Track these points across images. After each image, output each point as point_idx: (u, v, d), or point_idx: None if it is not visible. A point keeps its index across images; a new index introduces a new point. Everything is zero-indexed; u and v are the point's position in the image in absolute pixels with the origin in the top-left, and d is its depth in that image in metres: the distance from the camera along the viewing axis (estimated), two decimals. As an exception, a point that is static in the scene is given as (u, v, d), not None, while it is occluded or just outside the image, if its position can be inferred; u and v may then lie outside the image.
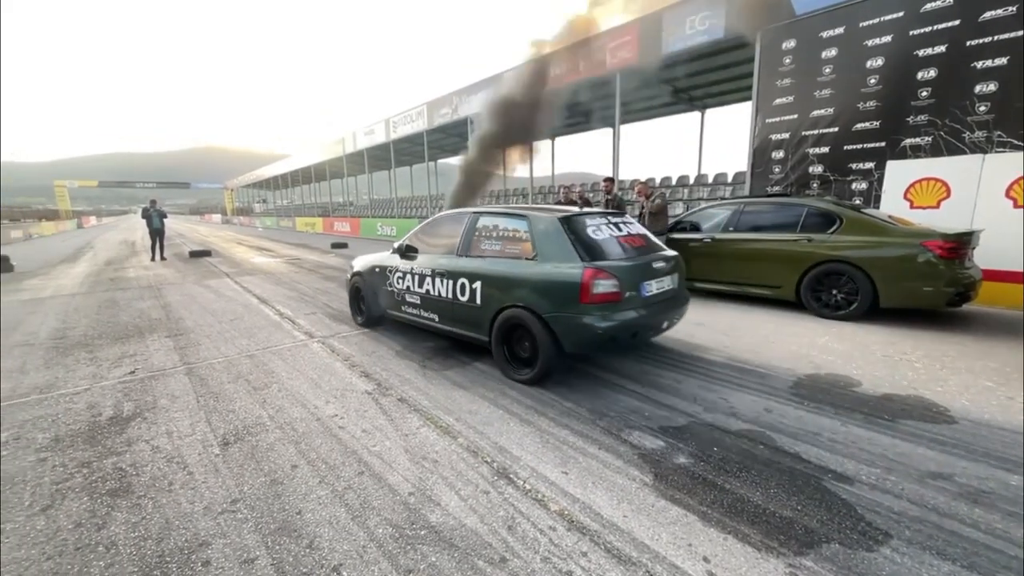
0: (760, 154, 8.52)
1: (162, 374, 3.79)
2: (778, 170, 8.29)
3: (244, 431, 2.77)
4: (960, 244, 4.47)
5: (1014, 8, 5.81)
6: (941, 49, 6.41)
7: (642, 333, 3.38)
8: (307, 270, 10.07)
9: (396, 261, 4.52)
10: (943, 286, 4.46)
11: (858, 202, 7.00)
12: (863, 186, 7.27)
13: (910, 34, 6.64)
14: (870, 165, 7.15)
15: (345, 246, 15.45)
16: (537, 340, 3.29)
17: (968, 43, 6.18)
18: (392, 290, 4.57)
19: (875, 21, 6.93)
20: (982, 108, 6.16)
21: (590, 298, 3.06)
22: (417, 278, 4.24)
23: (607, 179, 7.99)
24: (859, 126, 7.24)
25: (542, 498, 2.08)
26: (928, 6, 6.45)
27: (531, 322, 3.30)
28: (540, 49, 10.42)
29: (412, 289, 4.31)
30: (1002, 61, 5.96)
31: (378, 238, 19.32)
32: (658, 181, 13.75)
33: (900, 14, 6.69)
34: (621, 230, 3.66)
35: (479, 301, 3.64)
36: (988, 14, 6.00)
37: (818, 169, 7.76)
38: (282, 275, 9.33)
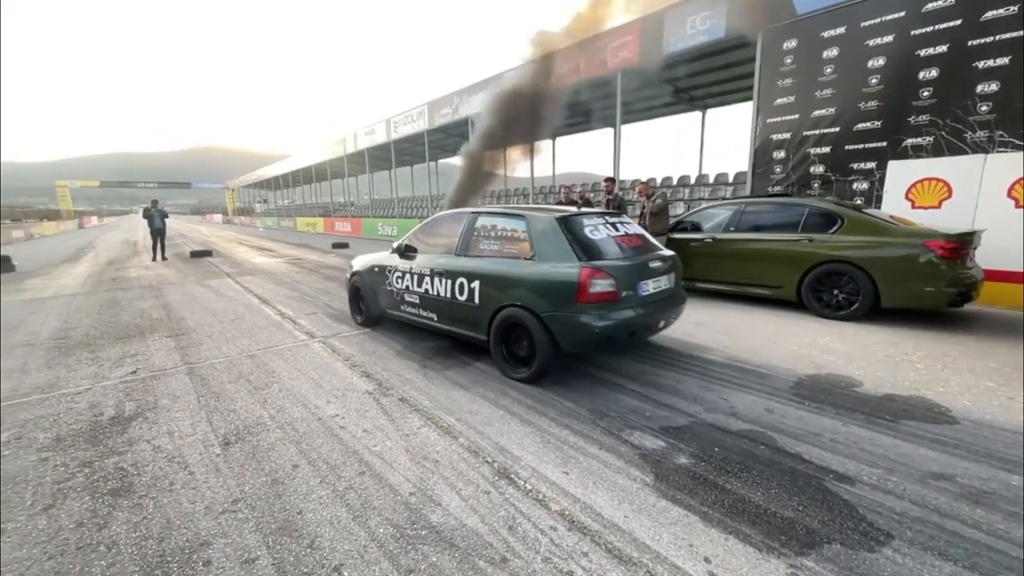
0: (761, 154, 8.51)
1: (163, 374, 3.79)
2: (779, 170, 8.28)
3: (245, 431, 2.77)
4: (962, 244, 4.46)
5: (1016, 8, 5.80)
6: (943, 49, 6.40)
7: (639, 332, 3.40)
8: (308, 270, 10.08)
9: (395, 261, 4.53)
10: (945, 286, 4.45)
11: (859, 202, 7.00)
12: (864, 186, 7.26)
13: (911, 34, 6.63)
14: (871, 165, 7.14)
15: (346, 246, 15.46)
16: (535, 339, 3.31)
17: (970, 43, 6.17)
18: (391, 289, 4.59)
19: (876, 21, 6.92)
20: (984, 108, 6.14)
21: (587, 297, 3.08)
22: (416, 277, 4.25)
23: (608, 179, 7.97)
24: (860, 126, 7.23)
25: (543, 498, 2.08)
26: (929, 6, 6.44)
27: (529, 321, 3.32)
28: (546, 40, 10.26)
29: (411, 288, 4.32)
30: (1004, 61, 5.94)
31: (379, 238, 19.33)
32: (659, 181, 13.74)
33: (901, 14, 6.68)
34: (618, 230, 3.68)
35: (477, 300, 3.66)
36: (990, 14, 5.99)
37: (819, 169, 7.75)
38: (283, 275, 9.34)
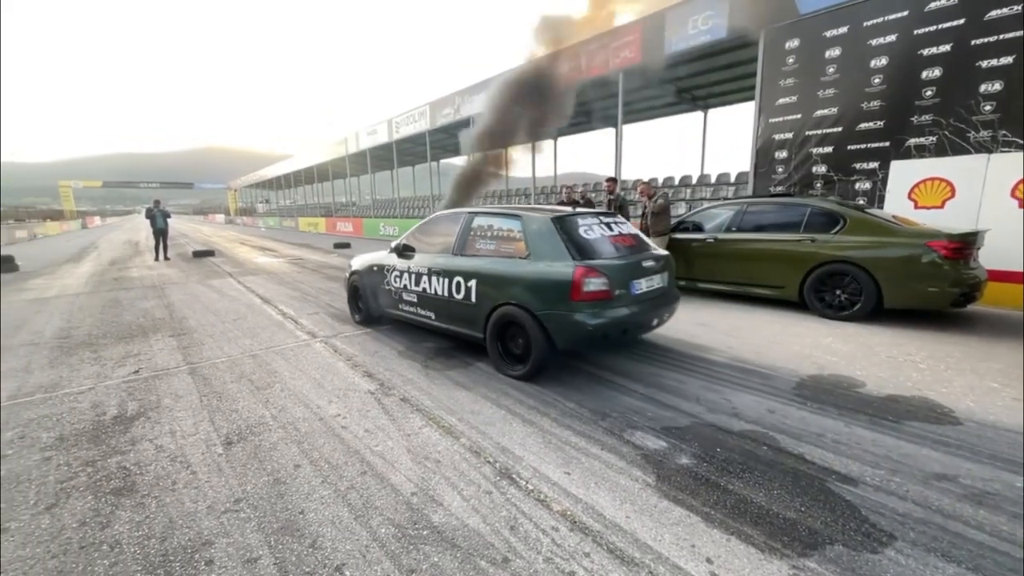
0: (763, 154, 8.50)
1: (166, 373, 3.80)
2: (781, 170, 8.26)
3: (247, 431, 2.77)
4: (965, 244, 4.45)
5: (1019, 7, 5.78)
6: (946, 48, 6.38)
7: (632, 330, 3.46)
8: (310, 270, 10.09)
9: (394, 260, 4.58)
10: (948, 287, 4.44)
11: (862, 202, 6.98)
12: (867, 186, 7.24)
13: (914, 33, 6.61)
14: (874, 165, 7.12)
15: (348, 246, 15.48)
16: (530, 337, 3.37)
17: (973, 42, 6.15)
18: (390, 288, 4.63)
19: (879, 20, 6.90)
20: (987, 107, 6.12)
21: (581, 296, 3.14)
22: (414, 277, 4.30)
23: (609, 179, 7.96)
24: (863, 126, 7.21)
25: (544, 499, 2.07)
26: (932, 5, 6.42)
27: (524, 319, 3.37)
28: (552, 25, 10.11)
29: (409, 287, 4.37)
30: (1007, 60, 5.92)
31: (381, 238, 19.34)
32: (661, 181, 13.72)
33: (904, 13, 6.66)
34: (612, 230, 3.74)
35: (474, 299, 3.71)
36: (993, 13, 5.97)
37: (822, 169, 7.73)
38: (285, 275, 9.35)
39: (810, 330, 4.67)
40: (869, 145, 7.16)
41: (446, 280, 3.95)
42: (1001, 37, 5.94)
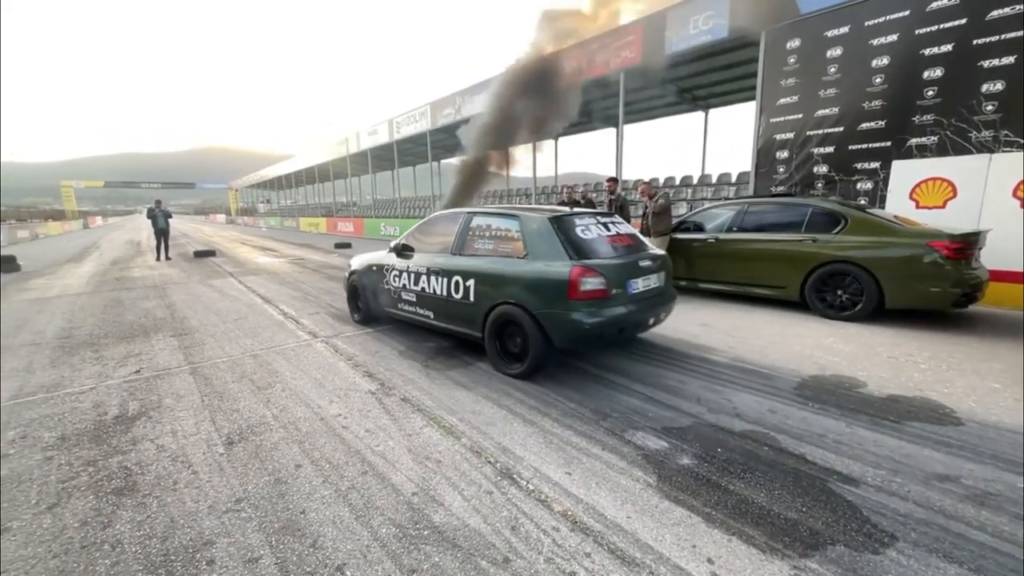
0: (764, 154, 8.49)
1: (167, 373, 3.81)
2: (782, 170, 8.25)
3: (248, 430, 2.78)
4: (967, 244, 4.44)
5: (1021, 7, 5.76)
6: (947, 48, 6.36)
7: (628, 329, 3.50)
8: (311, 270, 10.10)
9: (393, 260, 4.60)
10: (949, 287, 4.43)
11: (863, 202, 6.96)
12: (868, 186, 7.23)
13: (916, 33, 6.59)
14: (875, 165, 7.11)
15: (349, 246, 15.49)
16: (528, 335, 3.41)
17: (975, 42, 6.13)
18: (389, 288, 4.65)
19: (880, 20, 6.89)
20: (989, 107, 6.11)
21: (578, 295, 3.17)
22: (413, 276, 4.32)
23: (610, 179, 7.96)
24: (864, 126, 7.19)
25: (545, 499, 2.07)
26: (934, 5, 6.40)
27: (522, 318, 3.40)
28: (558, 20, 9.98)
29: (408, 287, 4.39)
30: (1009, 60, 5.91)
31: (381, 238, 19.35)
32: (661, 181, 13.71)
33: (906, 13, 6.65)
34: (609, 230, 3.78)
35: (472, 298, 3.74)
36: (995, 12, 5.96)
37: (823, 169, 7.72)
38: (286, 275, 9.36)
39: (811, 330, 4.66)
40: (870, 145, 7.15)
41: (445, 279, 3.97)
42: (1003, 37, 5.93)
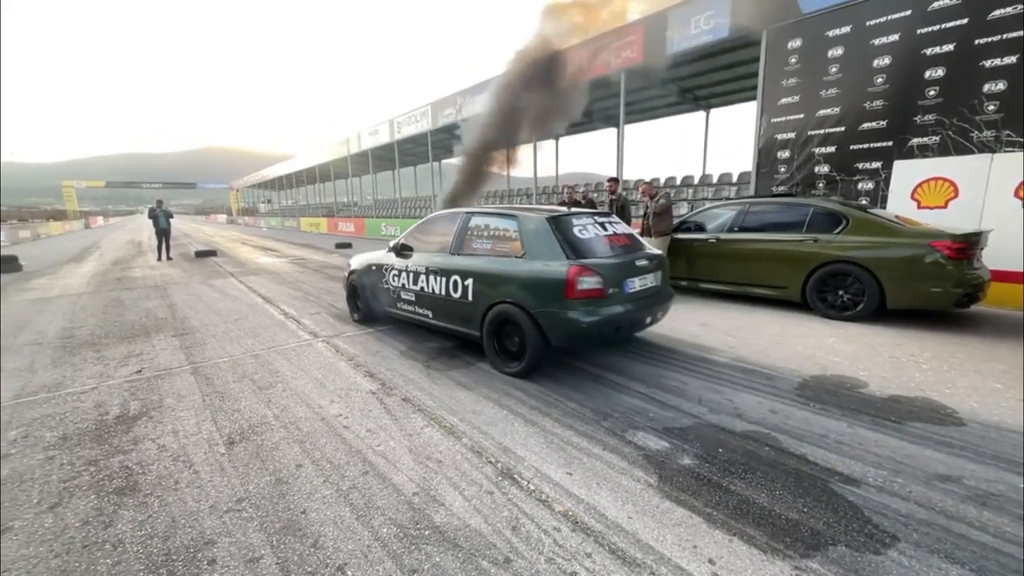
0: (765, 154, 8.48)
1: (168, 373, 3.81)
2: (783, 170, 8.24)
3: (249, 430, 2.78)
4: (968, 244, 4.43)
5: (1022, 6, 5.75)
6: (949, 48, 6.36)
7: (625, 328, 3.52)
8: (312, 270, 10.11)
9: (392, 259, 4.62)
10: (951, 287, 4.42)
11: (865, 202, 6.96)
12: (870, 186, 7.22)
13: (917, 33, 6.59)
14: (877, 165, 7.10)
15: (349, 246, 15.50)
16: (525, 334, 3.43)
17: (976, 41, 6.13)
18: (388, 287, 4.67)
19: (882, 20, 6.88)
20: (991, 107, 6.10)
21: (575, 294, 3.19)
22: (412, 276, 4.34)
23: (611, 179, 7.95)
24: (866, 126, 7.19)
25: (546, 499, 2.07)
26: (936, 4, 6.40)
27: (520, 317, 3.43)
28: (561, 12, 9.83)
29: (407, 286, 4.41)
30: (1011, 60, 5.90)
31: (382, 238, 19.36)
32: (662, 181, 13.70)
33: (907, 12, 6.64)
34: (607, 229, 3.80)
35: (471, 297, 3.77)
36: (997, 12, 5.95)
37: (824, 169, 7.71)
38: (287, 275, 9.37)
39: (812, 330, 4.65)
40: (872, 145, 7.14)
41: (443, 279, 4.00)
42: (1004, 36, 5.92)
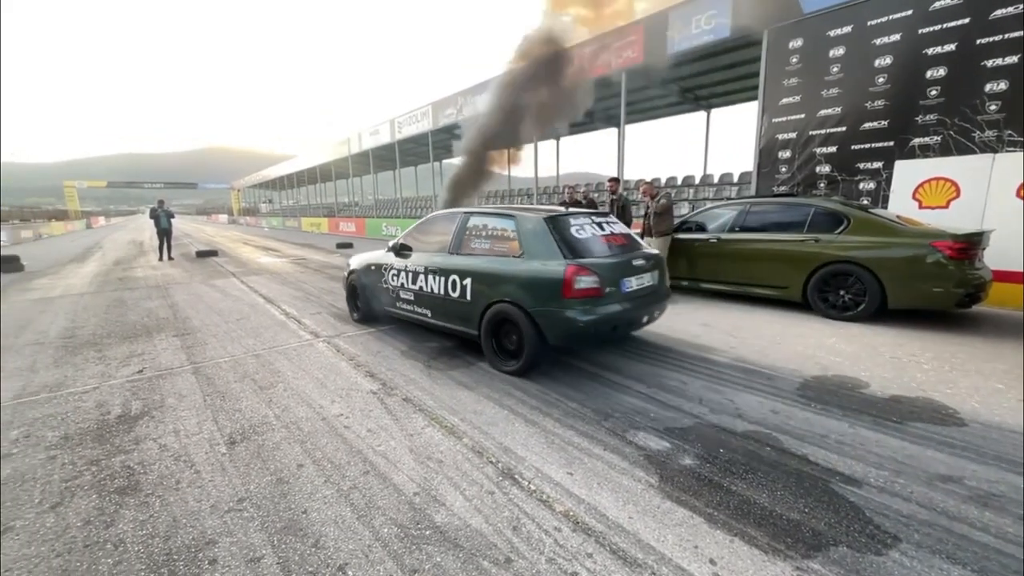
0: (766, 154, 8.47)
1: (169, 373, 3.82)
2: (784, 170, 8.23)
3: (250, 430, 2.78)
4: (970, 244, 4.42)
5: (1024, 6, 5.75)
6: (951, 47, 6.34)
7: (622, 327, 3.55)
8: (312, 270, 10.12)
9: (391, 259, 4.64)
10: (953, 287, 4.41)
11: (866, 202, 6.94)
12: (871, 186, 7.21)
13: (919, 32, 6.57)
14: (878, 165, 7.09)
15: (350, 246, 15.52)
16: (523, 333, 3.46)
17: (978, 41, 6.11)
18: (387, 287, 4.69)
19: (883, 19, 6.87)
20: (992, 107, 6.09)
21: (572, 293, 3.22)
22: (411, 275, 4.36)
23: (612, 179, 7.94)
24: (867, 125, 7.17)
25: (547, 499, 2.07)
26: (937, 4, 6.38)
27: (517, 316, 3.45)
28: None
29: (406, 286, 4.43)
30: (1013, 59, 5.89)
31: (383, 238, 19.36)
32: (663, 181, 13.69)
33: (909, 12, 6.63)
34: (604, 229, 3.83)
35: (469, 297, 3.79)
36: (999, 12, 5.94)
37: (825, 169, 7.70)
38: (288, 275, 9.37)
39: (813, 330, 4.65)
40: (873, 145, 7.13)
41: (442, 278, 4.03)
42: (1006, 36, 5.91)
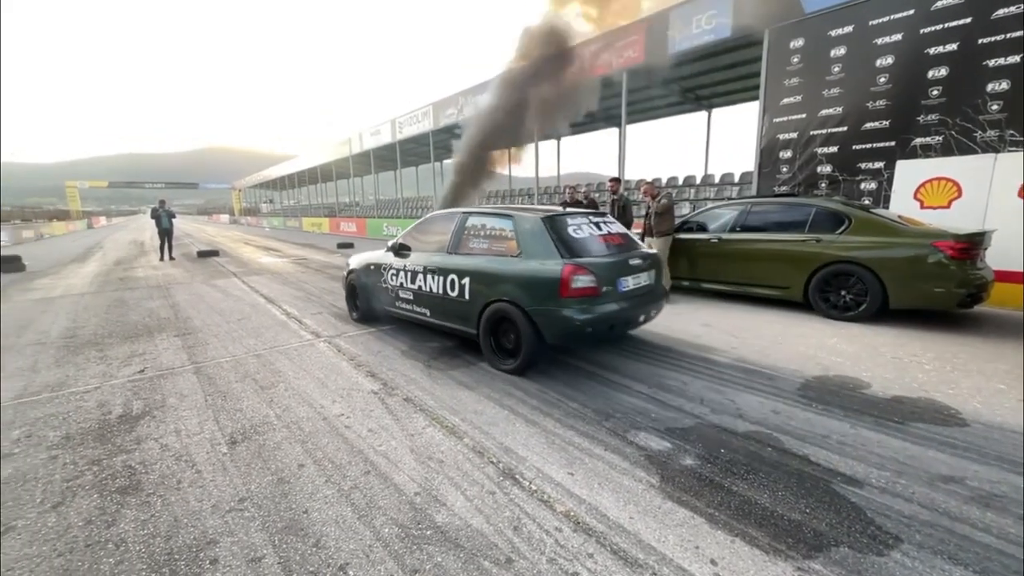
0: (767, 154, 8.46)
1: (171, 373, 3.82)
2: (786, 170, 8.22)
3: (251, 430, 2.78)
4: (972, 244, 4.41)
5: (1026, 5, 5.74)
6: (952, 47, 6.33)
7: (619, 326, 3.58)
8: (313, 270, 10.12)
9: (390, 259, 4.66)
10: (954, 287, 4.40)
11: (867, 202, 6.93)
12: (872, 186, 7.20)
13: (920, 32, 6.56)
14: (880, 165, 7.08)
15: (351, 246, 15.52)
16: (521, 332, 3.49)
17: (980, 41, 6.10)
18: (387, 286, 4.71)
19: (885, 19, 6.86)
20: (994, 107, 6.08)
21: (569, 292, 3.24)
22: (410, 275, 4.39)
23: (613, 179, 7.94)
24: (868, 125, 7.17)
25: (548, 499, 2.07)
26: (939, 4, 6.38)
27: (515, 315, 3.48)
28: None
29: (405, 285, 4.45)
30: (1015, 59, 5.88)
31: (384, 238, 19.37)
32: (664, 181, 13.68)
33: (910, 12, 6.62)
34: (601, 229, 3.86)
35: (467, 296, 3.82)
36: (1000, 11, 5.93)
37: (826, 169, 7.69)
38: (289, 275, 9.38)
39: (814, 331, 4.64)
40: (874, 145, 7.12)
41: (441, 278, 4.05)
42: (1008, 36, 5.89)
